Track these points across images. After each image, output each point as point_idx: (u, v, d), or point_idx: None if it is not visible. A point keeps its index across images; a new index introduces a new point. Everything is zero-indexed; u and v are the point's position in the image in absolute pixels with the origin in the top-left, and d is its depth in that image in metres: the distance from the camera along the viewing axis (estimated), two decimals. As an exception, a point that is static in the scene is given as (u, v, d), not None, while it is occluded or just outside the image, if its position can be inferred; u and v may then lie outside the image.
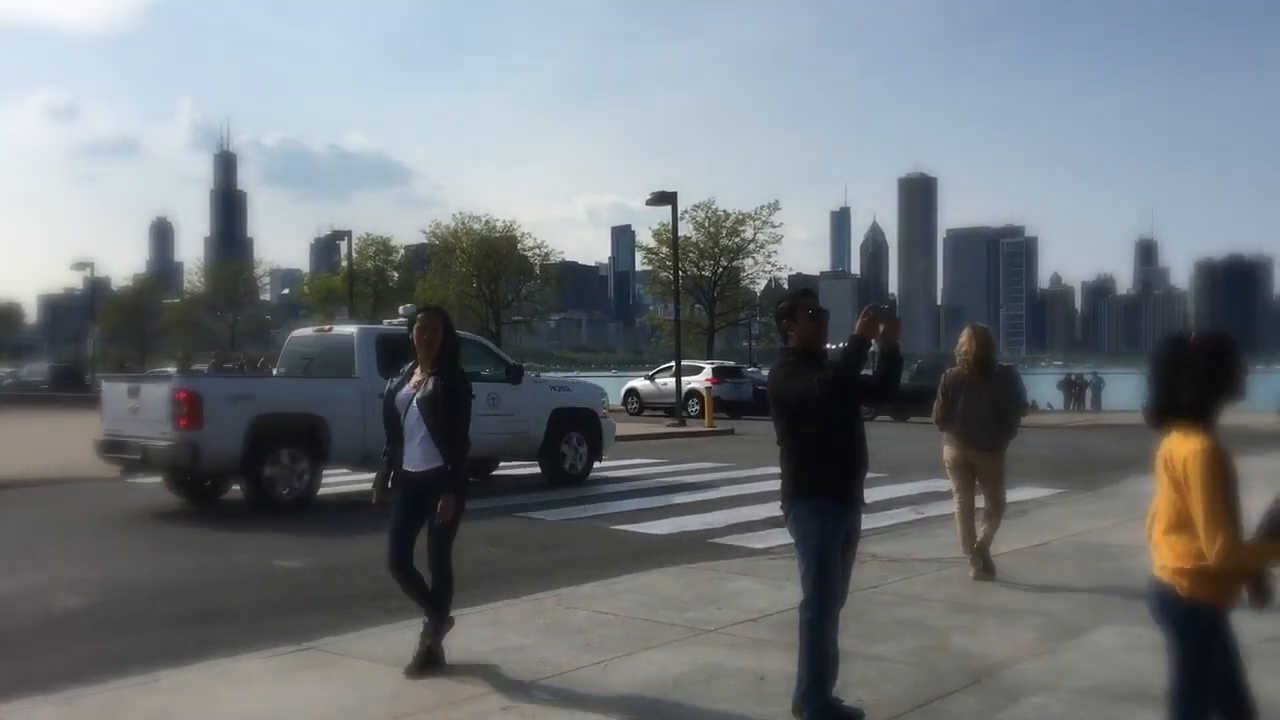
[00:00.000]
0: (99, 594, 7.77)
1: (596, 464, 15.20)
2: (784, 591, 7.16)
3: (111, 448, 12.60)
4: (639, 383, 35.78)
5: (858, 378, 4.40)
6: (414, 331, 5.54)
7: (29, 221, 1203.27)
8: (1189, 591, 3.02)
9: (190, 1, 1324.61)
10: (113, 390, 13.13)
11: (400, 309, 16.93)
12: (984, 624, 6.47)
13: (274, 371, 16.65)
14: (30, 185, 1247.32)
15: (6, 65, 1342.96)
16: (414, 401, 5.44)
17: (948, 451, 8.02)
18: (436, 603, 5.53)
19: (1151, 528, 3.16)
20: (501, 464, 15.31)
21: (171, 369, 46.34)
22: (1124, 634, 6.09)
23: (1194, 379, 3.05)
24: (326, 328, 15.72)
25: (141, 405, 12.25)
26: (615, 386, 35.21)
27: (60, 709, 4.89)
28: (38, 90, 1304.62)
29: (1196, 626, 3.03)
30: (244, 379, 13.50)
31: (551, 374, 17.56)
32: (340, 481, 14.28)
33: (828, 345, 4.72)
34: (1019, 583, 7.69)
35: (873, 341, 4.38)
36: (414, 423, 5.44)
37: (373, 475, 6.09)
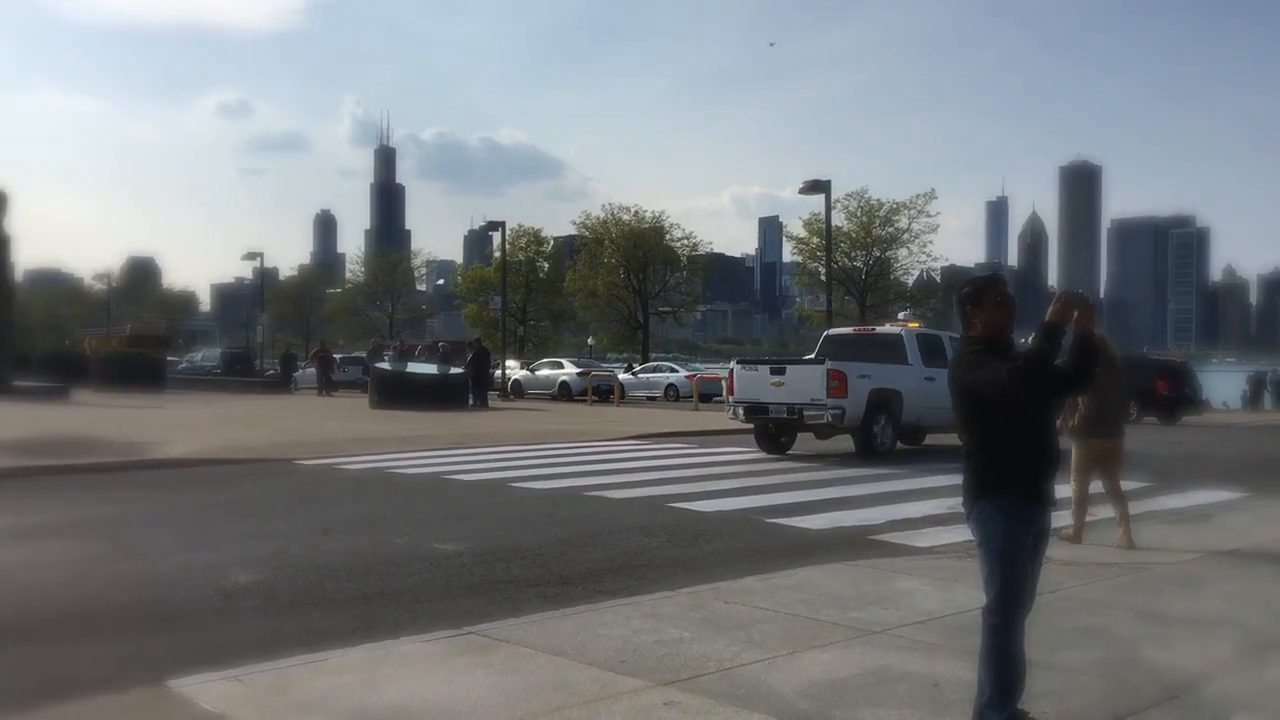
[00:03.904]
0: (268, 572, 7.98)
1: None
2: (953, 593, 6.85)
3: (754, 410, 17.29)
4: None
5: (1052, 367, 4.08)
6: None
7: (202, 213, 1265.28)
8: None
9: (351, 1, 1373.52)
10: (749, 370, 17.85)
11: (886, 325, 20.39)
12: (1175, 634, 6.03)
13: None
14: (204, 179, 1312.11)
15: (183, 65, 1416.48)
16: None
17: (1077, 445, 9.03)
18: None
19: None
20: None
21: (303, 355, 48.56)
22: (1336, 652, 5.57)
23: None
24: (868, 328, 21.04)
25: (789, 380, 16.93)
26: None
27: (232, 685, 4.98)
28: (211, 89, 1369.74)
29: None
30: (864, 364, 17.17)
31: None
32: (492, 464, 14.42)
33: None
34: (1209, 592, 7.17)
35: (1065, 330, 4.08)
36: None
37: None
